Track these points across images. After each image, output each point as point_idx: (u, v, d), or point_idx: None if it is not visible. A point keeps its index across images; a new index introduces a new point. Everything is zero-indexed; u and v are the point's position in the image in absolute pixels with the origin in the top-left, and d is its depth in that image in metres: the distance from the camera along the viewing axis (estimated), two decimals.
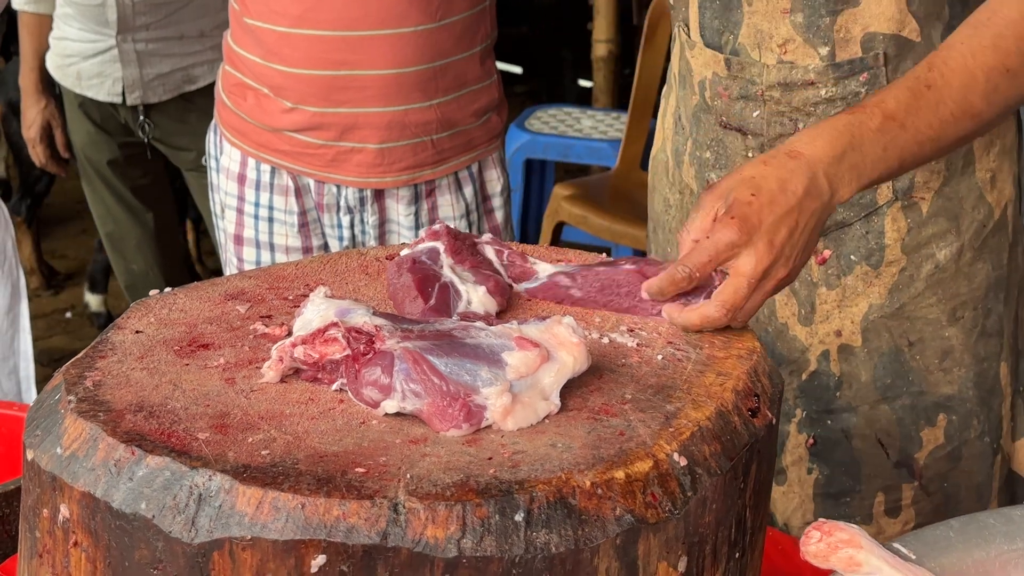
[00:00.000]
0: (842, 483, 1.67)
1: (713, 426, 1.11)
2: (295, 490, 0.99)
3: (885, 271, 1.60)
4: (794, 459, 1.69)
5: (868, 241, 1.60)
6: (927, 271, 1.60)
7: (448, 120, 2.42)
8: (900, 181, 1.57)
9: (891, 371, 1.63)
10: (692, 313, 1.25)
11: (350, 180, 2.42)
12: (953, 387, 1.63)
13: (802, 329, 1.65)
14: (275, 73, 2.39)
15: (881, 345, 1.62)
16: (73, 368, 1.15)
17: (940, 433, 1.64)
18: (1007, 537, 1.22)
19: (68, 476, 1.04)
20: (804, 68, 1.55)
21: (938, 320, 1.61)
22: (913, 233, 1.60)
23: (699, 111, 1.67)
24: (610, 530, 1.01)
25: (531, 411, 1.09)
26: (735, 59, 1.59)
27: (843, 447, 1.66)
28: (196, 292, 1.31)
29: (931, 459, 1.65)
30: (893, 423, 1.64)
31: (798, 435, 1.68)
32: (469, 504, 0.99)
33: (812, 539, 1.17)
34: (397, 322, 1.13)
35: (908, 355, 1.62)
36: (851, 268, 1.61)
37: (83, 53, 3.56)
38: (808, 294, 1.63)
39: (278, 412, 1.10)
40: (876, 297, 1.61)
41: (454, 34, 2.39)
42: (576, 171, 5.35)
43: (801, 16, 1.54)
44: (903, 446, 1.65)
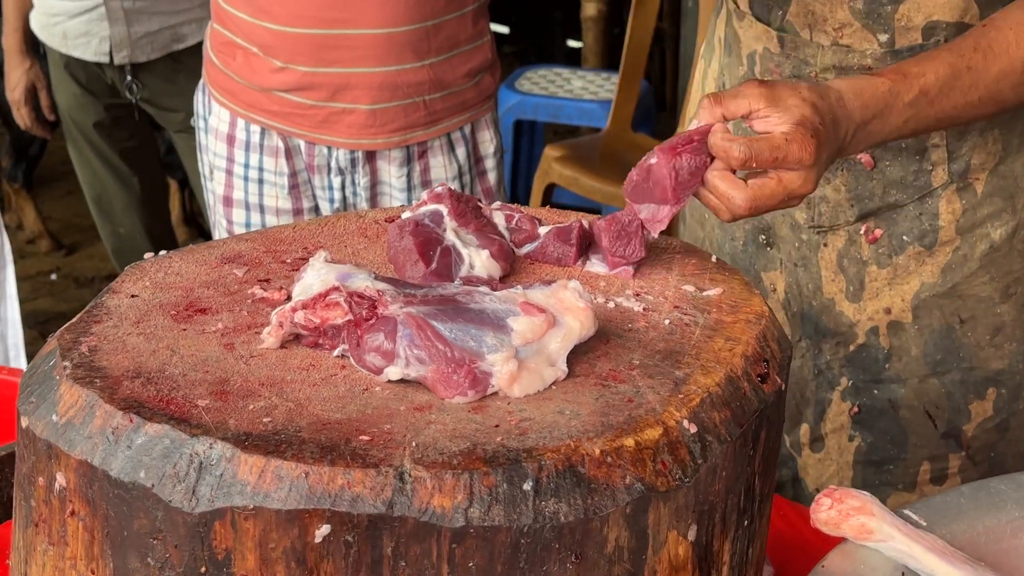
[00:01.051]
0: (886, 451, 1.66)
1: (723, 392, 1.09)
2: (298, 458, 0.96)
3: (939, 251, 1.59)
4: (835, 427, 1.67)
5: (922, 222, 1.58)
6: (981, 251, 1.58)
7: (440, 81, 2.39)
8: (956, 163, 1.56)
9: (942, 348, 1.61)
10: (722, 184, 1.27)
11: (341, 141, 2.39)
12: (1004, 362, 1.61)
13: (850, 305, 1.63)
14: (264, 31, 2.35)
15: (932, 323, 1.60)
16: (68, 333, 1.13)
17: (989, 406, 1.63)
18: (1018, 503, 1.21)
19: (64, 444, 1.02)
20: (861, 53, 1.52)
21: (991, 297, 1.59)
22: (968, 214, 1.57)
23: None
24: (620, 499, 0.99)
25: (537, 377, 1.07)
26: (788, 37, 1.57)
27: (889, 416, 1.64)
28: (192, 255, 1.28)
29: (979, 430, 1.64)
30: (942, 396, 1.62)
31: (841, 403, 1.66)
32: (476, 473, 0.97)
33: (823, 506, 1.15)
34: (400, 287, 1.11)
35: (960, 332, 1.60)
36: (903, 248, 1.59)
37: (69, 12, 3.51)
38: (857, 271, 1.61)
39: (279, 378, 1.07)
40: (928, 276, 1.59)
41: None
42: (565, 132, 5.32)
43: (862, 3, 1.52)
44: (951, 418, 1.63)
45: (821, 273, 1.63)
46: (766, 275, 1.69)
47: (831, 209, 1.60)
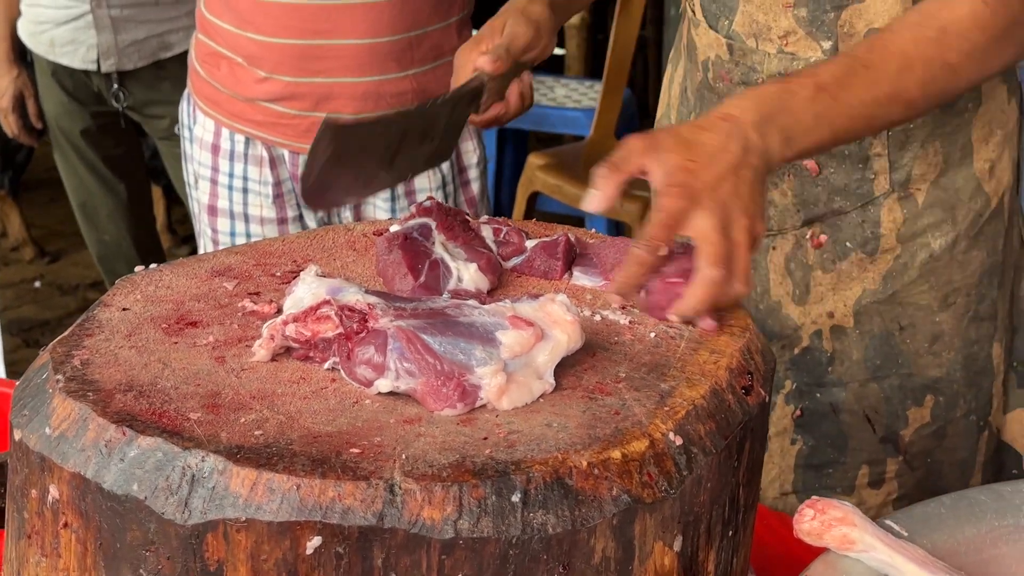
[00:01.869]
0: (826, 454, 1.68)
1: (708, 404, 1.11)
2: (290, 471, 0.98)
3: (880, 258, 1.61)
4: (778, 430, 1.70)
5: (864, 230, 1.60)
6: (921, 259, 1.61)
7: (424, 90, 2.40)
8: (897, 173, 1.58)
9: (881, 353, 1.64)
10: (691, 288, 1.22)
11: None
12: (942, 370, 1.64)
13: (795, 308, 1.65)
14: (249, 42, 2.36)
15: (873, 328, 1.63)
16: (60, 346, 1.14)
17: (927, 413, 1.66)
18: (998, 513, 1.23)
19: (58, 456, 1.03)
20: (806, 60, 1.54)
21: (930, 306, 1.62)
22: (909, 223, 1.60)
23: (703, 88, 1.66)
24: (607, 510, 1.01)
25: (526, 390, 1.08)
26: (737, 45, 1.59)
27: (830, 420, 1.67)
28: (182, 268, 1.29)
29: (916, 436, 1.67)
30: (881, 401, 1.65)
31: (785, 407, 1.69)
32: (465, 485, 0.98)
33: (806, 517, 1.17)
34: (390, 300, 1.12)
35: (899, 339, 1.63)
36: (846, 254, 1.61)
37: (56, 19, 3.51)
38: (803, 275, 1.64)
39: (270, 391, 1.08)
40: (870, 283, 1.62)
41: (430, 3, 2.37)
42: (548, 140, 5.34)
43: (805, 11, 1.53)
44: (889, 423, 1.66)
45: (769, 276, 1.66)
46: None
47: (779, 213, 1.63)
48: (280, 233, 2.47)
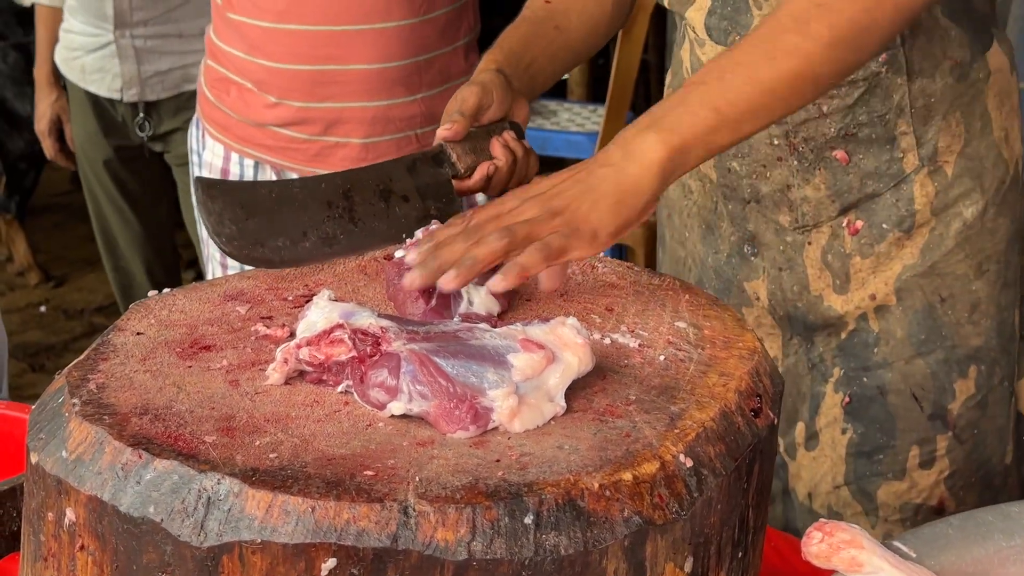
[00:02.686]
0: (876, 440, 1.71)
1: (717, 427, 1.12)
2: (305, 493, 0.99)
3: (916, 233, 1.66)
4: (828, 420, 1.73)
5: (899, 208, 1.65)
6: (956, 229, 1.65)
7: (432, 114, 2.42)
8: (924, 148, 1.63)
9: (925, 327, 1.68)
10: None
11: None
12: (981, 338, 1.69)
13: (837, 298, 1.69)
14: (258, 68, 2.38)
15: (915, 303, 1.67)
16: (76, 370, 1.15)
17: (971, 384, 1.70)
18: (1005, 534, 1.23)
19: (74, 480, 1.04)
20: None
21: (967, 275, 1.67)
22: (941, 195, 1.65)
23: None
24: (618, 531, 1.02)
25: (537, 413, 1.09)
26: None
27: (878, 404, 1.70)
28: (195, 293, 1.30)
29: (963, 408, 1.70)
30: (928, 377, 1.69)
31: (835, 395, 1.72)
32: (479, 507, 0.99)
33: (814, 540, 1.18)
34: (403, 324, 1.13)
35: (940, 310, 1.67)
36: (884, 236, 1.66)
37: (86, 47, 3.55)
38: (842, 265, 1.68)
39: (284, 415, 1.09)
40: (908, 258, 1.66)
41: (437, 28, 2.39)
42: (552, 164, 5.36)
43: None
44: (937, 398, 1.70)
45: (807, 272, 1.70)
46: (749, 285, 1.75)
47: (813, 208, 1.67)
48: None
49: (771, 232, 1.71)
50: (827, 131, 1.63)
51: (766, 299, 1.74)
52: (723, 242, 1.76)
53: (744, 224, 1.73)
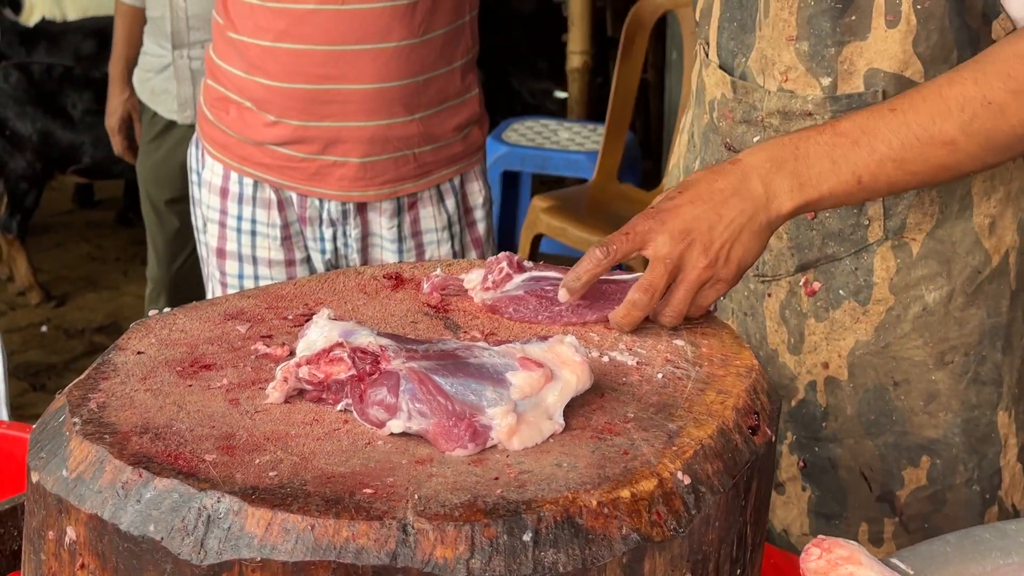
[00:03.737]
0: (831, 507, 1.67)
1: (715, 444, 1.12)
2: (304, 511, 0.99)
3: (872, 309, 1.59)
4: (789, 476, 1.69)
5: (857, 277, 1.59)
6: (914, 312, 1.58)
7: (430, 134, 2.43)
8: (892, 220, 1.56)
9: (875, 408, 1.61)
10: (619, 307, 1.30)
11: (333, 193, 2.43)
12: (938, 431, 1.60)
13: (791, 357, 1.64)
14: (258, 87, 2.40)
15: (867, 381, 1.61)
16: (76, 389, 1.15)
17: (923, 475, 1.62)
18: (1002, 551, 1.24)
19: (75, 498, 1.04)
20: (803, 98, 1.54)
21: (924, 363, 1.59)
22: (902, 273, 1.58)
23: (708, 130, 1.68)
24: (617, 549, 1.02)
25: (536, 431, 1.10)
26: (741, 83, 1.60)
27: (830, 475, 1.65)
28: (195, 312, 1.31)
29: (912, 498, 1.63)
30: (876, 458, 1.62)
31: (790, 456, 1.68)
32: (477, 524, 0.99)
33: (812, 556, 1.18)
34: (402, 342, 1.14)
35: (893, 394, 1.60)
36: (839, 303, 1.60)
37: (154, 67, 3.60)
38: (797, 323, 1.63)
39: (283, 433, 1.10)
40: (863, 333, 1.60)
41: (436, 48, 2.40)
42: (552, 182, 5.37)
43: (807, 44, 1.53)
44: (885, 481, 1.63)
45: (766, 323, 1.65)
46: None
47: (774, 258, 1.62)
48: (288, 275, 2.49)
49: None
50: None
51: None
52: None
53: None
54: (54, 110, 4.96)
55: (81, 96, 4.98)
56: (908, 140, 1.36)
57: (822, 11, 1.52)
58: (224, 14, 2.44)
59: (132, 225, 5.78)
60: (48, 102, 4.95)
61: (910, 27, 1.49)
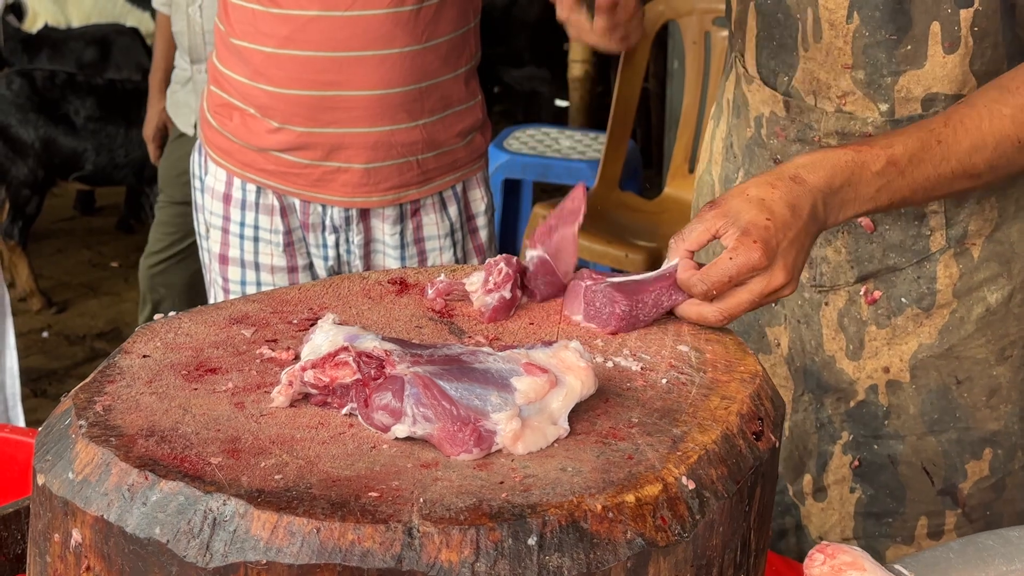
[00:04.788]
0: (885, 504, 1.68)
1: (719, 449, 1.12)
2: (310, 514, 0.99)
3: (936, 313, 1.61)
4: (837, 479, 1.70)
5: (920, 285, 1.61)
6: (978, 314, 1.61)
7: (433, 140, 2.44)
8: (953, 229, 1.59)
9: (938, 407, 1.63)
10: (691, 308, 1.31)
11: (336, 200, 2.43)
12: (999, 423, 1.64)
13: (849, 363, 1.66)
14: (261, 93, 2.40)
15: (929, 382, 1.63)
16: (82, 393, 1.16)
17: (985, 466, 1.65)
18: (1005, 558, 1.24)
19: (81, 501, 1.05)
20: (863, 120, 1.55)
21: (987, 359, 1.62)
22: (965, 278, 1.60)
23: (753, 144, 1.68)
24: (621, 553, 1.02)
25: (540, 435, 1.10)
26: (794, 102, 1.61)
27: (888, 471, 1.67)
28: (200, 316, 1.31)
29: (975, 489, 1.66)
30: (939, 455, 1.65)
31: (843, 456, 1.69)
32: (482, 528, 1.00)
33: (816, 562, 1.18)
34: (407, 347, 1.14)
35: (956, 392, 1.63)
36: (901, 310, 1.62)
37: (180, 80, 3.62)
38: (857, 331, 1.64)
39: (289, 437, 1.10)
40: (926, 337, 1.62)
41: (439, 55, 2.41)
42: (553, 191, 5.38)
43: (863, 73, 1.55)
44: (947, 475, 1.65)
45: (822, 331, 1.67)
46: (771, 330, 1.72)
47: (832, 270, 1.64)
48: (290, 281, 2.49)
49: None
50: None
51: (786, 347, 1.72)
52: None
53: None
54: (57, 117, 4.97)
55: (84, 103, 4.99)
56: (945, 173, 1.41)
57: (877, 42, 1.53)
58: (225, 20, 2.44)
59: (133, 232, 5.79)
60: (51, 109, 4.96)
61: (967, 49, 1.51)
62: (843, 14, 1.54)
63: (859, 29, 1.54)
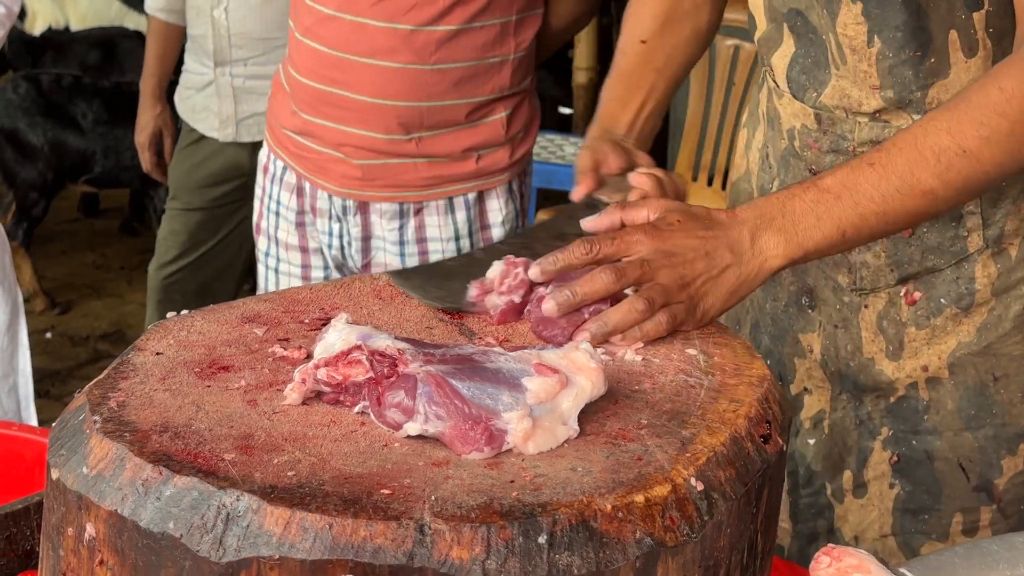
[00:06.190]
0: (922, 500, 1.70)
1: (728, 452, 1.13)
2: (322, 510, 1.00)
3: (975, 312, 1.63)
4: (877, 474, 1.72)
5: (959, 286, 1.63)
6: (1015, 312, 1.63)
7: (432, 153, 2.43)
8: (990, 230, 1.60)
9: (975, 403, 1.65)
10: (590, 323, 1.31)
11: (333, 188, 2.47)
12: None
13: (889, 364, 1.68)
14: (289, 76, 2.50)
15: (967, 379, 1.65)
16: (96, 389, 1.17)
17: (1020, 461, 1.67)
18: (1010, 563, 1.25)
19: (95, 495, 1.06)
20: (897, 127, 1.56)
21: (1023, 356, 1.64)
22: (1003, 277, 1.62)
23: (788, 155, 1.70)
24: (630, 553, 1.03)
25: (551, 435, 1.11)
26: (825, 115, 1.62)
27: (925, 467, 1.69)
28: (213, 315, 1.32)
29: (1010, 484, 1.68)
30: (975, 450, 1.67)
31: (883, 451, 1.71)
32: (493, 526, 1.01)
33: (822, 564, 1.19)
34: (419, 346, 1.15)
35: (993, 388, 1.65)
36: (941, 310, 1.64)
37: (196, 85, 3.62)
38: (896, 332, 1.66)
39: (301, 434, 1.11)
40: (964, 335, 1.64)
41: (448, 80, 2.38)
42: (556, 197, 5.39)
43: (892, 92, 1.56)
44: (983, 471, 1.68)
45: (861, 334, 1.68)
46: (804, 336, 1.74)
47: (872, 273, 1.66)
48: (303, 262, 2.56)
49: (829, 289, 1.70)
50: None
51: (819, 353, 1.73)
52: (782, 290, 1.76)
53: (804, 276, 1.72)
54: (64, 120, 4.98)
55: (91, 106, 5.00)
56: (889, 193, 1.39)
57: (902, 62, 1.54)
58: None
59: (137, 234, 5.80)
60: (58, 112, 4.97)
61: (987, 51, 1.52)
62: (863, 40, 1.55)
63: (882, 51, 1.55)
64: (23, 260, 5.07)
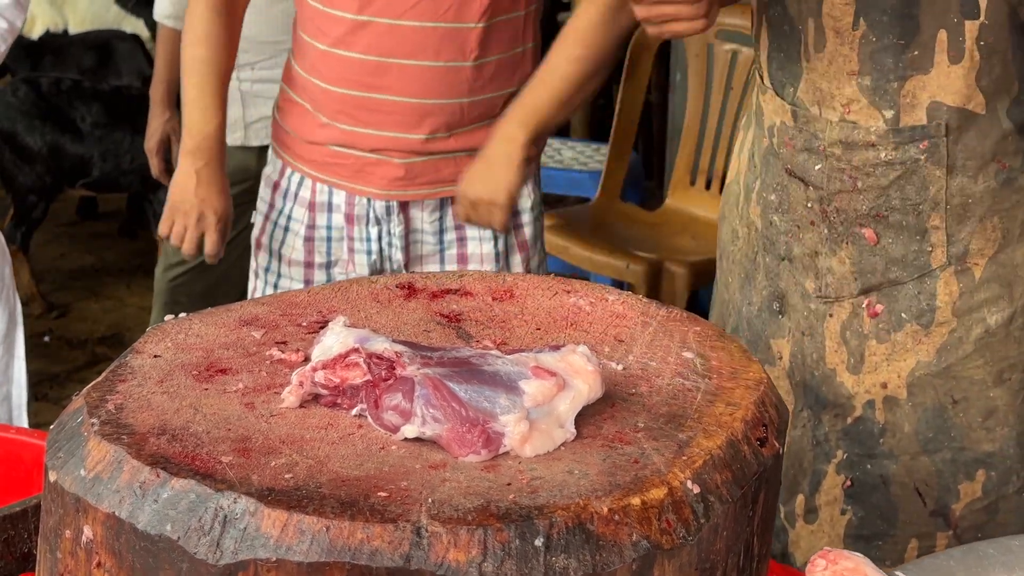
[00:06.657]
0: (876, 526, 1.68)
1: (724, 455, 1.13)
2: (319, 513, 1.00)
3: (935, 331, 1.62)
4: (828, 499, 1.70)
5: (920, 301, 1.62)
6: (977, 334, 1.61)
7: (472, 147, 2.45)
8: (955, 246, 1.60)
9: (934, 426, 1.64)
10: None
11: (375, 192, 2.47)
12: (995, 445, 1.64)
13: (849, 377, 1.66)
14: (315, 87, 2.48)
15: (926, 400, 1.64)
16: (94, 391, 1.17)
17: (978, 487, 1.65)
18: (1005, 567, 1.25)
19: (92, 498, 1.06)
20: (866, 129, 1.57)
21: (984, 381, 1.62)
22: (965, 297, 1.61)
23: (768, 154, 1.70)
24: (627, 555, 1.04)
25: (548, 438, 1.11)
26: (801, 112, 1.62)
27: (880, 492, 1.67)
28: (211, 317, 1.32)
29: (967, 511, 1.66)
30: (932, 475, 1.65)
31: (836, 476, 1.69)
32: (490, 528, 1.01)
33: (818, 568, 1.19)
34: (417, 349, 1.15)
35: (952, 412, 1.63)
36: (901, 325, 1.63)
37: None
38: (858, 344, 1.65)
39: (299, 437, 1.11)
40: (924, 355, 1.62)
41: (487, 74, 2.42)
42: (554, 201, 5.39)
43: (869, 79, 1.56)
44: (940, 496, 1.66)
45: (825, 343, 1.68)
46: (775, 342, 1.73)
47: (836, 281, 1.65)
48: (305, 278, 2.56)
49: (798, 295, 1.70)
50: (859, 207, 1.61)
51: (787, 360, 1.73)
52: (756, 294, 1.75)
53: (776, 280, 1.72)
54: (63, 123, 4.98)
55: (90, 110, 5.00)
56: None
57: (885, 47, 1.54)
58: (299, 11, 2.51)
59: (136, 237, 5.80)
60: (57, 116, 4.97)
61: (973, 63, 1.52)
62: (849, 21, 1.56)
63: (866, 35, 1.55)
64: (21, 264, 5.07)
